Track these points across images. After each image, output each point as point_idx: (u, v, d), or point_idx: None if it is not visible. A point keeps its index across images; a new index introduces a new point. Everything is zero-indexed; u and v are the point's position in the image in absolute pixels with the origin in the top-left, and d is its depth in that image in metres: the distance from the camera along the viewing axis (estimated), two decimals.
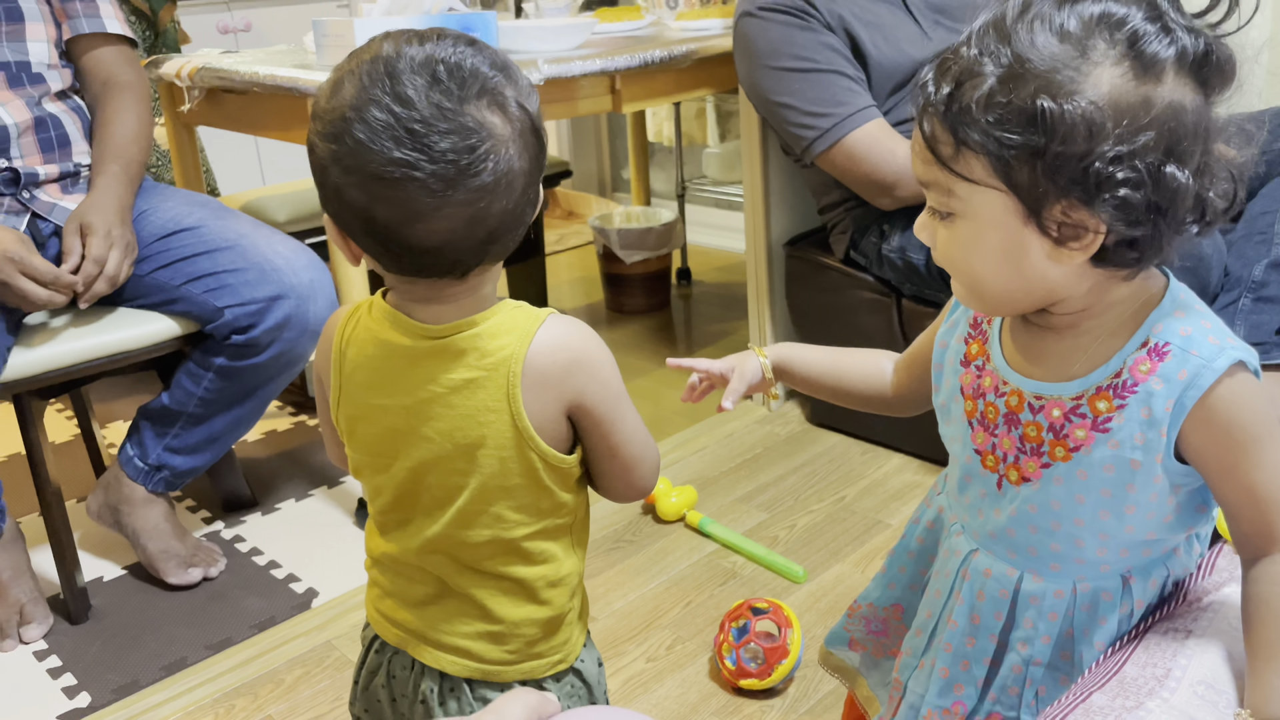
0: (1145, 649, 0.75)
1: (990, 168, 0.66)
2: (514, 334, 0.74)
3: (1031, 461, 0.76)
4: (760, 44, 1.77)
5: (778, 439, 2.08)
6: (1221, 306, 1.50)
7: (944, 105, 0.66)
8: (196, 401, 1.66)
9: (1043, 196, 0.65)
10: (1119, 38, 0.63)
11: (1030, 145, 0.63)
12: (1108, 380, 0.72)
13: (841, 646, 1.00)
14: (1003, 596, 0.79)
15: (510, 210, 0.70)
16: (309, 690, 1.45)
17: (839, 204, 1.89)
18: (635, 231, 2.73)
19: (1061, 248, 0.67)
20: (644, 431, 0.81)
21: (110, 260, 1.50)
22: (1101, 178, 0.63)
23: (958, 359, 0.83)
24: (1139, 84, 0.63)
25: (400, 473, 0.79)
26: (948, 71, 0.67)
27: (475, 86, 0.67)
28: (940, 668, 0.83)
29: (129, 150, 1.63)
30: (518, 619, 0.81)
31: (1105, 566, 0.77)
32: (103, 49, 1.69)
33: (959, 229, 0.70)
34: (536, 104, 0.72)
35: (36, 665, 1.53)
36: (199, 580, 1.71)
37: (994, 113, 0.64)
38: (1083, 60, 0.63)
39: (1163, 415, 0.70)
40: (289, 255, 1.61)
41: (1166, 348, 0.70)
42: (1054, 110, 0.62)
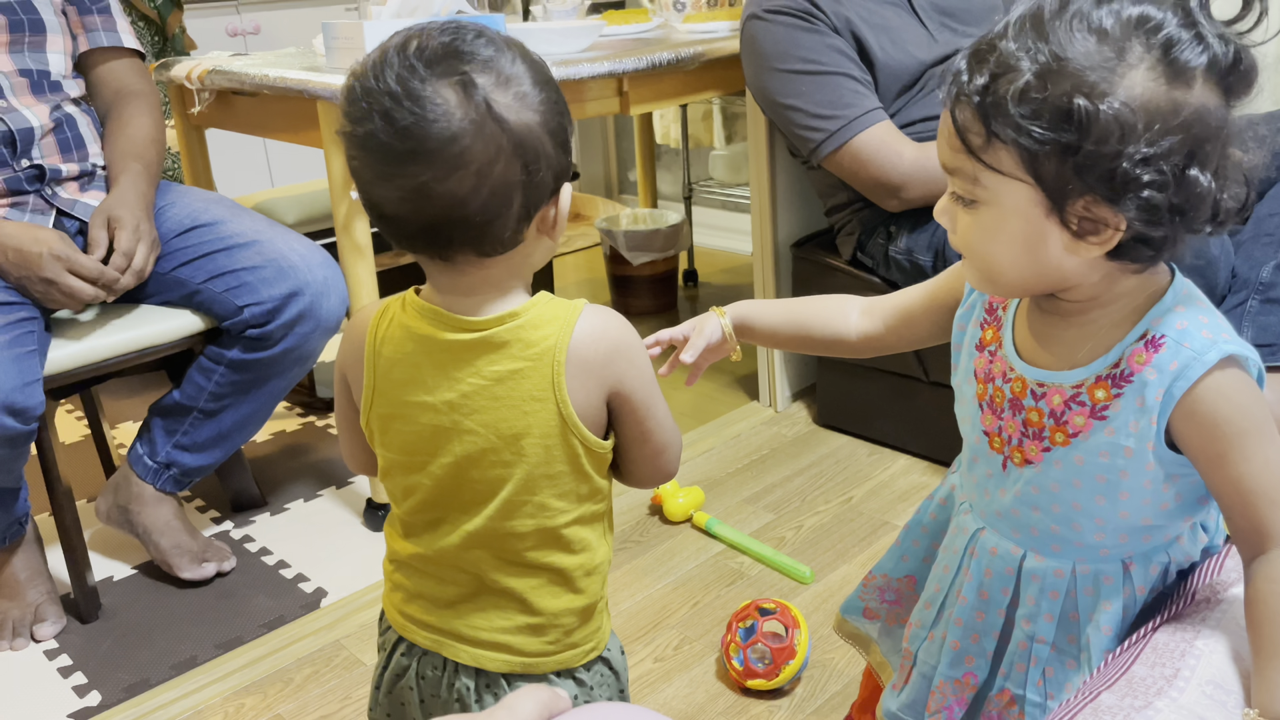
0: (1154, 649, 0.75)
1: (1019, 160, 0.67)
2: (555, 323, 0.75)
3: (1033, 445, 0.79)
4: (767, 46, 1.77)
5: (784, 440, 2.08)
6: (1229, 308, 1.50)
7: (978, 95, 0.68)
8: (208, 396, 1.67)
9: (1067, 192, 0.67)
10: (1154, 42, 0.65)
11: (1062, 142, 0.65)
12: (1107, 370, 0.74)
13: (856, 615, 1.02)
14: (1008, 574, 0.82)
15: (477, 195, 0.69)
16: (318, 689, 1.45)
17: (846, 206, 1.89)
18: (642, 233, 2.73)
19: (1080, 241, 0.69)
20: (670, 417, 0.84)
21: (138, 254, 1.52)
22: (1128, 178, 0.64)
23: (973, 343, 0.85)
24: (1170, 88, 0.65)
25: (439, 469, 0.79)
26: (984, 61, 0.68)
27: (447, 69, 0.69)
28: (951, 640, 0.85)
29: (147, 152, 1.66)
30: (558, 609, 0.83)
31: (1104, 551, 0.79)
32: (115, 61, 1.73)
33: (981, 216, 0.71)
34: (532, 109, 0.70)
35: (47, 664, 1.54)
36: (213, 575, 1.72)
37: (1028, 107, 0.65)
38: (1118, 62, 0.64)
39: (1154, 404, 0.72)
40: (305, 253, 1.63)
41: (1162, 339, 0.72)
42: (1089, 109, 0.64)
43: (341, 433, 0.91)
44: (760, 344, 1.03)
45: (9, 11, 1.58)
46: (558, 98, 0.74)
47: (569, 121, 0.75)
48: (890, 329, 0.97)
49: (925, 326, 0.95)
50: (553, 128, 0.72)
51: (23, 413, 1.39)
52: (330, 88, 1.56)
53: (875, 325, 0.98)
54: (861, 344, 0.99)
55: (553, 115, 0.72)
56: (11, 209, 1.56)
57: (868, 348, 0.99)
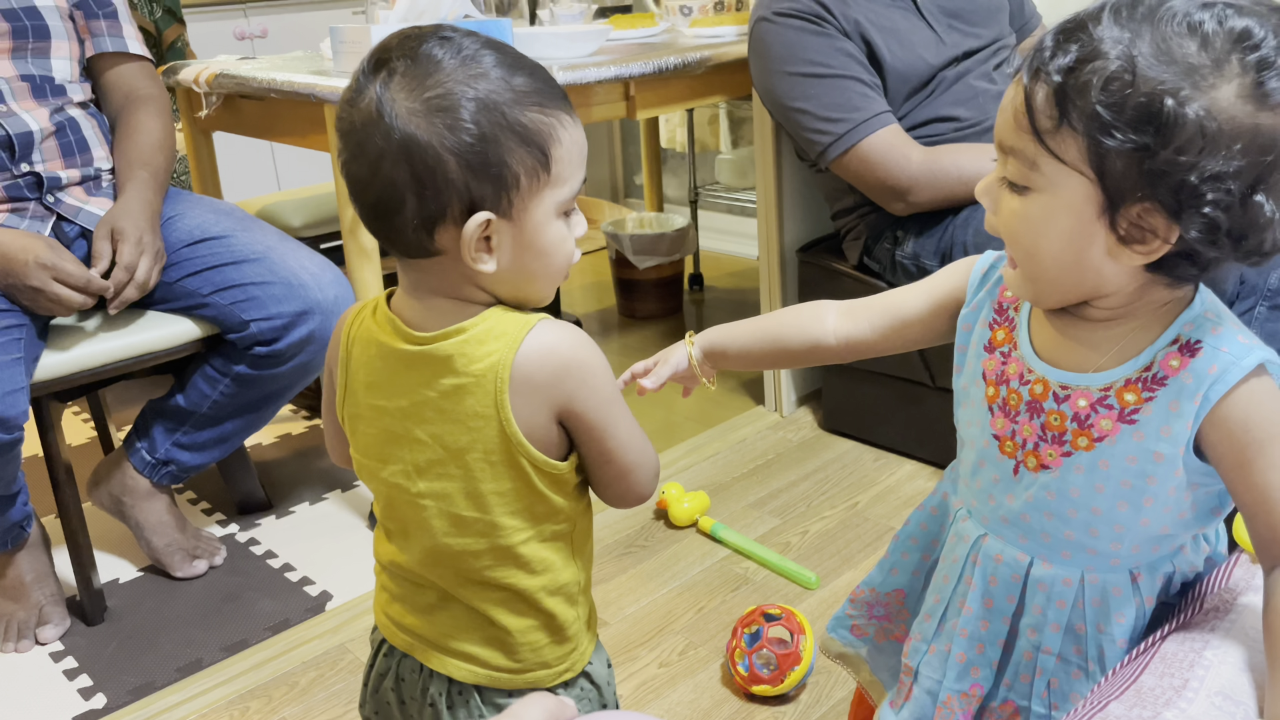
0: (1162, 658, 0.75)
1: (1086, 153, 0.65)
2: (502, 340, 0.73)
3: (1052, 449, 0.77)
4: (776, 49, 1.77)
5: (790, 445, 2.08)
6: (1237, 315, 1.49)
7: (1060, 75, 0.65)
8: (210, 404, 1.68)
9: (1127, 195, 0.65)
10: (1249, 61, 0.62)
11: (1138, 142, 0.63)
12: (1137, 373, 0.73)
13: (843, 632, 1.00)
14: (1014, 581, 0.81)
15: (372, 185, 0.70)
16: (323, 693, 1.45)
17: (853, 210, 1.89)
18: (648, 237, 2.73)
19: (1124, 247, 0.67)
20: (640, 437, 0.81)
21: (140, 267, 1.52)
22: (1196, 192, 0.62)
23: (981, 344, 0.83)
24: (1255, 110, 0.62)
25: (393, 476, 0.80)
26: (1072, 40, 0.64)
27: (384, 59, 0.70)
28: (957, 653, 0.83)
29: (155, 158, 1.65)
30: (522, 627, 0.82)
31: (1115, 560, 0.77)
32: (124, 66, 1.73)
33: (1031, 204, 0.69)
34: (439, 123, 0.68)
35: (53, 666, 1.54)
36: (204, 571, 1.74)
37: (1112, 99, 0.63)
38: (1214, 73, 0.62)
39: (1190, 408, 0.71)
40: (316, 271, 1.63)
41: (1199, 344, 0.71)
42: (1178, 113, 0.61)
43: (326, 422, 0.91)
44: (736, 367, 0.99)
45: (13, 18, 1.58)
46: (495, 130, 0.69)
47: (509, 153, 0.69)
48: (879, 332, 0.92)
49: (920, 329, 0.90)
50: (464, 151, 0.68)
51: (5, 422, 1.39)
52: (337, 92, 1.56)
53: (859, 328, 0.93)
54: (843, 349, 0.94)
55: (471, 139, 0.68)
56: (11, 215, 1.56)
57: (850, 352, 0.94)
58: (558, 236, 0.75)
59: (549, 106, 0.72)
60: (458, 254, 0.71)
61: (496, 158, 0.69)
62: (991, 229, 0.74)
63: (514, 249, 0.73)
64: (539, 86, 0.72)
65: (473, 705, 0.83)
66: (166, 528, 1.73)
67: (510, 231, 0.72)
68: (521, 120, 0.70)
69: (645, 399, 2.41)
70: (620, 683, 1.43)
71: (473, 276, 0.74)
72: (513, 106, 0.70)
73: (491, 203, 0.70)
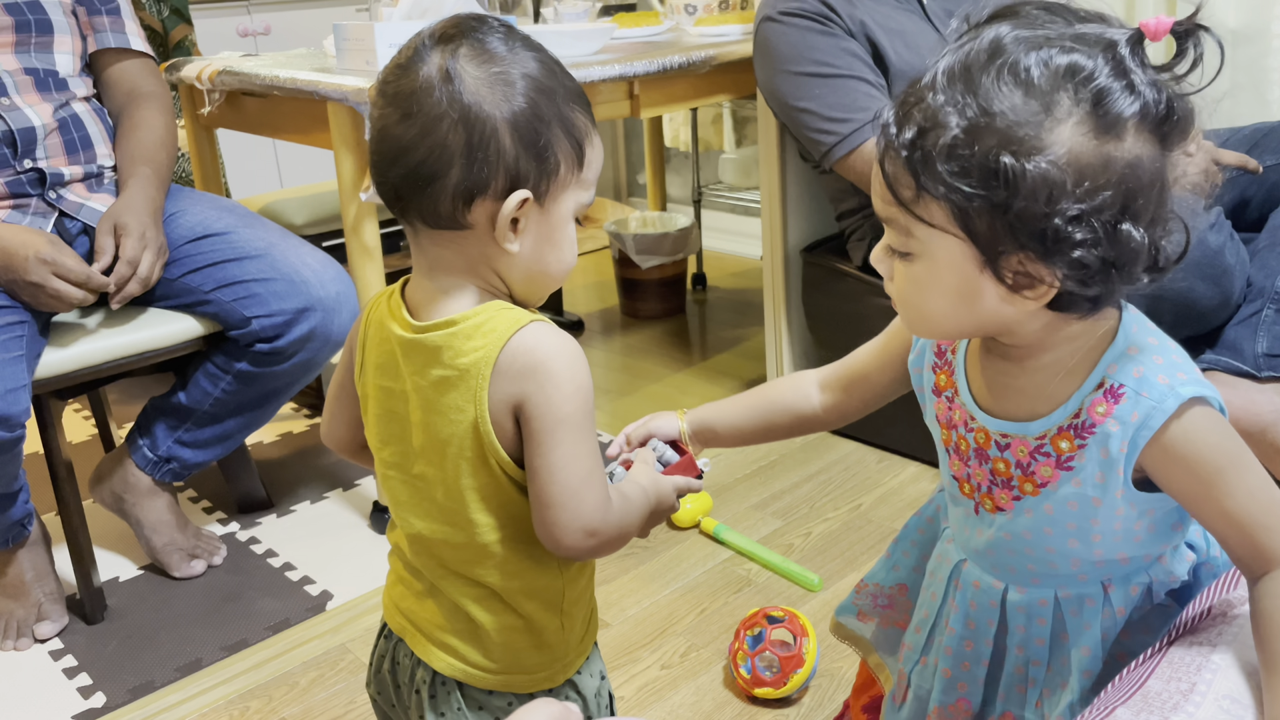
0: (1169, 663, 0.74)
1: (950, 215, 0.66)
2: (491, 337, 0.73)
3: (1003, 494, 0.78)
4: (781, 49, 1.77)
5: (793, 446, 2.07)
6: (1244, 318, 1.49)
7: (907, 149, 0.66)
8: (212, 401, 1.67)
9: (1000, 247, 0.65)
10: (1083, 95, 0.62)
11: (991, 199, 0.63)
12: (1068, 420, 0.73)
13: (850, 617, 1.02)
14: (992, 606, 0.82)
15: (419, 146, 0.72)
16: (323, 693, 1.45)
17: (857, 210, 1.88)
18: (651, 237, 2.72)
19: (1016, 294, 0.67)
20: (579, 478, 0.73)
21: (143, 262, 1.51)
22: (1059, 236, 0.63)
23: (929, 388, 0.85)
24: (1100, 143, 0.62)
25: (393, 457, 0.81)
26: (911, 114, 0.66)
27: (445, 40, 0.73)
28: (943, 668, 0.85)
29: (158, 155, 1.65)
30: (498, 627, 0.81)
31: (1083, 577, 0.79)
32: (126, 62, 1.73)
33: (915, 268, 0.70)
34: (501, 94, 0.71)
35: (52, 665, 1.54)
36: (203, 571, 1.74)
37: (956, 164, 0.64)
38: (1046, 116, 0.62)
39: (1118, 455, 0.71)
40: (317, 268, 1.62)
41: (1121, 389, 0.71)
42: (1016, 168, 0.62)
43: (328, 402, 0.92)
44: (726, 445, 1.00)
45: (16, 12, 1.58)
46: (546, 109, 0.72)
47: (556, 139, 0.73)
48: (852, 394, 0.94)
49: (884, 383, 0.92)
50: (520, 125, 0.71)
51: (6, 420, 1.38)
52: (341, 89, 1.56)
53: (837, 395, 0.95)
54: (830, 417, 0.96)
55: (527, 115, 0.72)
56: (13, 211, 1.56)
57: (838, 418, 0.96)
58: (571, 236, 0.78)
59: (587, 110, 0.76)
60: (486, 230, 0.73)
61: (546, 140, 0.73)
62: (892, 295, 0.74)
63: (537, 236, 0.75)
64: (581, 91, 0.77)
65: (454, 699, 0.83)
66: (167, 526, 1.73)
67: (538, 218, 0.75)
68: (566, 113, 0.74)
69: (647, 396, 2.40)
70: (621, 685, 1.42)
71: (492, 258, 0.75)
72: (563, 98, 0.74)
73: (532, 183, 0.73)
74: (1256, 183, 1.69)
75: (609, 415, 2.28)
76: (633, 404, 2.33)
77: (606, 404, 2.34)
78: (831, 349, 2.06)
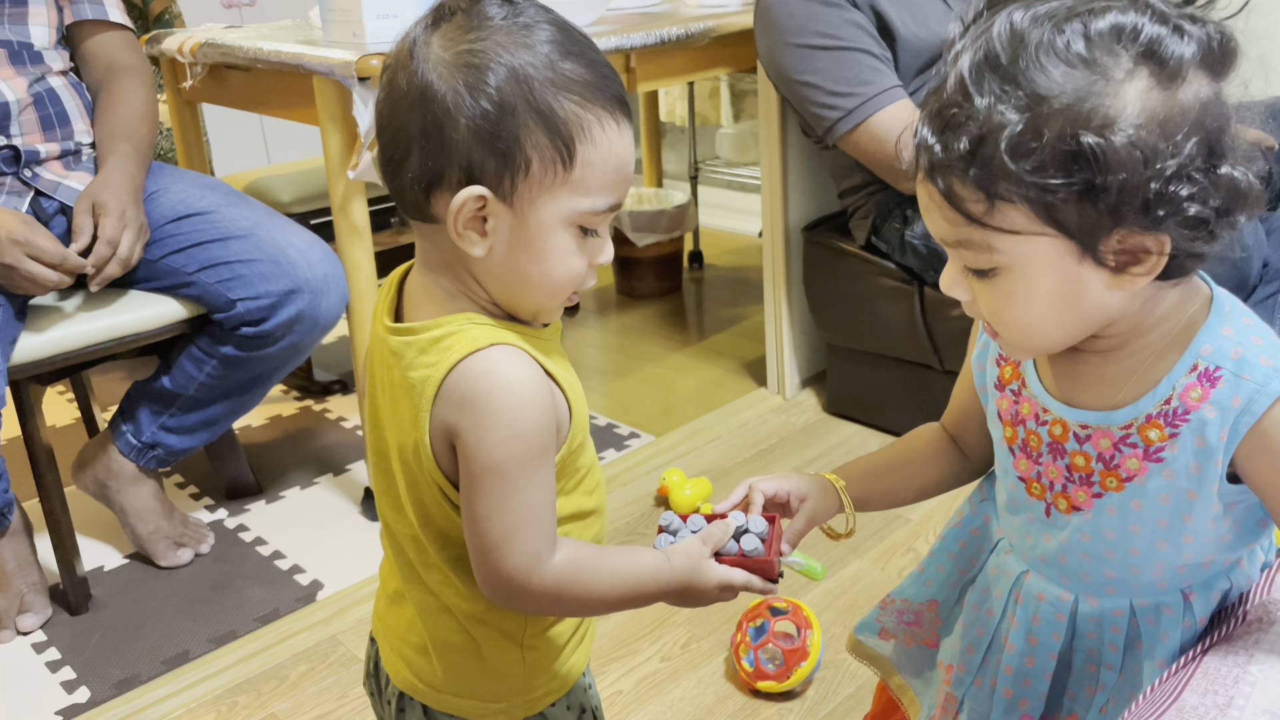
0: (1205, 674, 0.70)
1: (1033, 215, 0.61)
2: (446, 354, 0.67)
3: (1082, 491, 0.73)
4: (783, 20, 1.71)
5: (793, 429, 2.03)
6: (1261, 299, 1.45)
7: (965, 163, 0.61)
8: (197, 386, 1.62)
9: (1097, 231, 0.61)
10: (1135, 49, 0.59)
11: (1080, 184, 0.59)
12: (1158, 408, 0.68)
13: (871, 635, 0.97)
14: (1059, 620, 0.77)
15: (388, 127, 0.67)
16: (314, 687, 1.41)
17: (861, 188, 1.83)
18: (647, 214, 2.67)
19: (1122, 275, 0.63)
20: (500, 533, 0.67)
21: (123, 242, 1.46)
22: (1165, 199, 0.59)
23: (992, 382, 0.79)
24: (1169, 91, 0.59)
25: (373, 442, 0.77)
26: (954, 124, 0.61)
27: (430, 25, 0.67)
28: (1003, 688, 0.80)
29: (138, 131, 1.59)
30: (449, 645, 0.76)
31: (1162, 584, 0.74)
32: (105, 34, 1.66)
33: (1005, 283, 0.65)
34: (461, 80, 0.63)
35: (35, 658, 1.49)
36: (190, 560, 1.70)
37: (1031, 160, 0.59)
38: (1106, 82, 0.59)
39: (1217, 444, 0.66)
40: (304, 249, 1.57)
41: (1218, 372, 0.66)
42: (1101, 144, 0.58)
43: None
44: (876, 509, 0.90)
45: None
46: (518, 104, 0.63)
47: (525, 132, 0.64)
48: (969, 431, 0.87)
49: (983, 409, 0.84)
50: (475, 113, 0.63)
51: None
52: (327, 62, 1.50)
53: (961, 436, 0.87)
54: (973, 459, 0.88)
55: (486, 102, 0.63)
56: None
57: (979, 461, 0.87)
58: (563, 248, 0.68)
59: (593, 102, 0.65)
60: (453, 231, 0.66)
61: (509, 133, 0.64)
62: (975, 314, 0.69)
63: (510, 240, 0.67)
64: (590, 79, 0.66)
65: (417, 716, 0.79)
66: (152, 514, 1.68)
67: (509, 220, 0.66)
68: (551, 103, 0.64)
69: (643, 378, 2.36)
70: (621, 677, 1.39)
71: (464, 258, 0.68)
72: (547, 86, 0.64)
73: (492, 180, 0.65)
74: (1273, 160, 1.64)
75: (604, 397, 2.23)
76: (628, 385, 2.28)
77: (602, 385, 2.30)
78: (833, 330, 2.01)
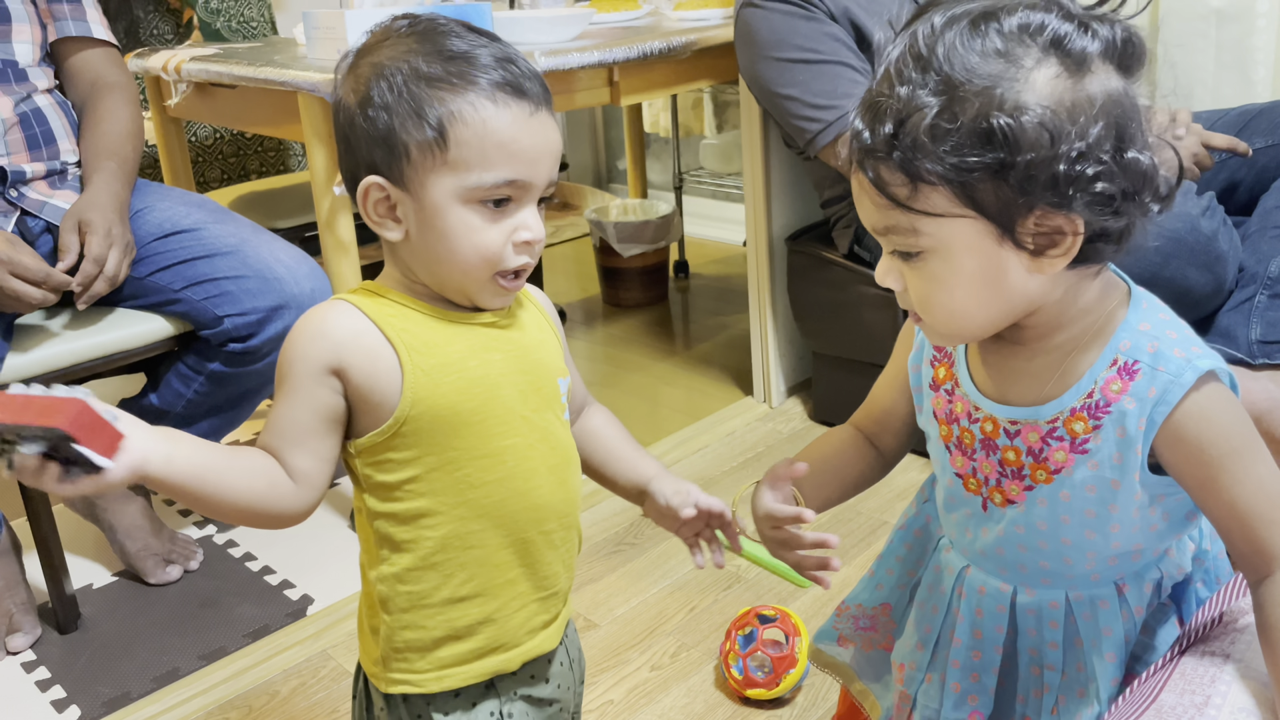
0: (1182, 675, 0.72)
1: (953, 196, 0.64)
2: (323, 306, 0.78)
3: (1014, 485, 0.76)
4: (763, 34, 1.73)
5: (780, 437, 2.04)
6: (1237, 304, 1.47)
7: (888, 147, 0.65)
8: (185, 404, 1.62)
9: (1014, 212, 0.64)
10: (1043, 41, 0.63)
11: (993, 164, 0.62)
12: (1081, 401, 0.71)
13: (830, 643, 0.99)
14: (1000, 611, 0.79)
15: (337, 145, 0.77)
16: (304, 702, 1.41)
17: (843, 197, 1.85)
18: (632, 225, 2.68)
19: (1041, 258, 0.66)
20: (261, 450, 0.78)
21: (110, 260, 1.46)
22: (1072, 177, 0.62)
23: (927, 383, 0.82)
24: (1076, 80, 0.63)
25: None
26: (881, 112, 0.65)
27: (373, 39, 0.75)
28: (951, 683, 0.82)
29: (123, 148, 1.59)
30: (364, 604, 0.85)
31: (1095, 576, 0.76)
32: (89, 51, 1.66)
33: (930, 266, 0.68)
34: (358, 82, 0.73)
35: (25, 677, 1.49)
36: (179, 577, 1.69)
37: (947, 140, 0.63)
38: (1015, 69, 0.63)
39: (1136, 434, 0.69)
40: (291, 264, 1.57)
41: (1136, 365, 0.69)
42: (1011, 124, 0.62)
43: None
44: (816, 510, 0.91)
45: None
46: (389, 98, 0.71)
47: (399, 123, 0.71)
48: (886, 430, 0.90)
49: (910, 411, 0.87)
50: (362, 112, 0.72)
51: None
52: (311, 79, 1.51)
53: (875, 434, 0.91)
54: (891, 455, 0.92)
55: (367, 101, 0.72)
56: None
57: (893, 458, 0.92)
58: (462, 225, 0.72)
59: (464, 87, 0.70)
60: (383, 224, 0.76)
61: (385, 125, 0.72)
62: (906, 305, 0.72)
63: (418, 223, 0.74)
64: (464, 69, 0.71)
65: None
66: (141, 531, 1.68)
67: (411, 204, 0.73)
68: (416, 92, 0.71)
69: (630, 388, 2.37)
70: (611, 687, 1.39)
71: (394, 246, 0.76)
72: (412, 77, 0.71)
73: (384, 169, 0.73)
74: (1246, 165, 1.67)
75: None
76: (614, 396, 2.29)
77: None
78: (818, 338, 2.03)
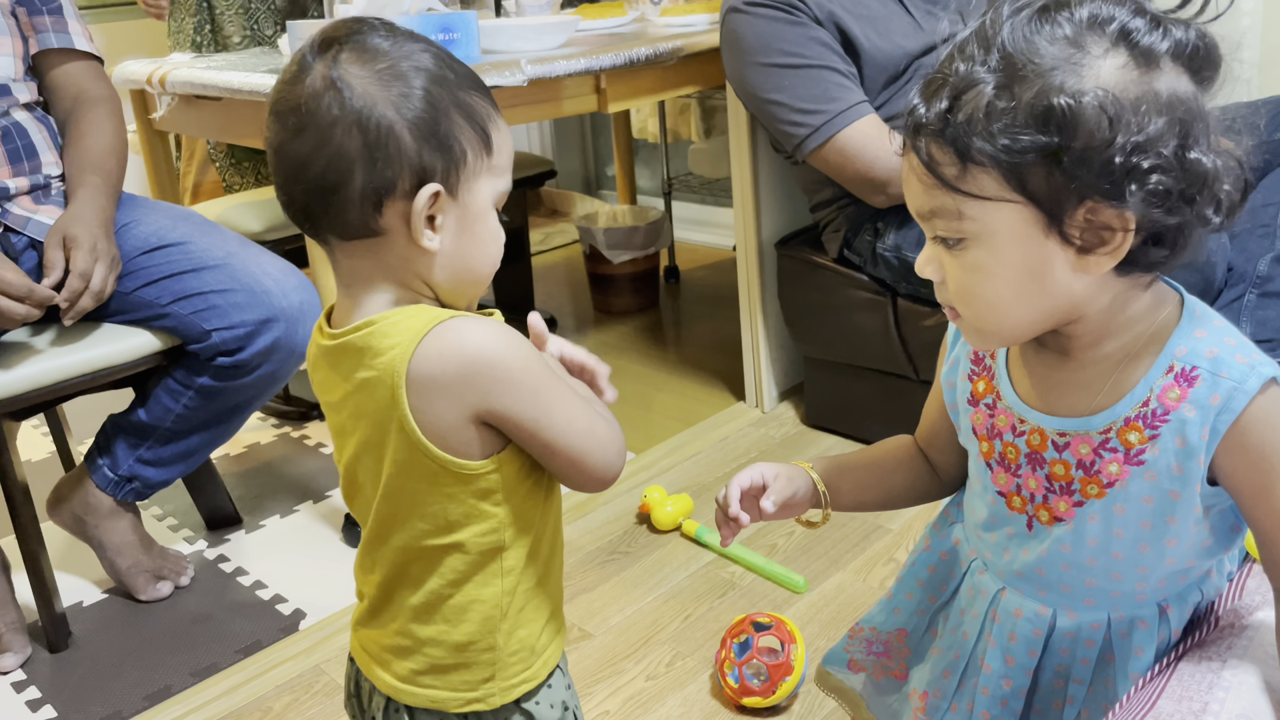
0: (1179, 681, 0.72)
1: (1002, 180, 0.62)
2: (406, 334, 0.70)
3: (1063, 500, 0.73)
4: (749, 40, 1.72)
5: (773, 442, 2.04)
6: (1226, 303, 1.47)
7: (941, 123, 0.63)
8: (174, 418, 1.61)
9: (1064, 201, 0.62)
10: (1111, 32, 0.61)
11: (1047, 147, 0.60)
12: (1135, 410, 0.69)
13: (840, 667, 0.96)
14: (1035, 636, 0.77)
15: (317, 158, 0.70)
16: (298, 718, 1.40)
17: (831, 202, 1.85)
18: (622, 231, 2.68)
19: (1088, 255, 0.63)
20: (584, 420, 0.75)
21: (95, 275, 1.45)
22: (1128, 168, 0.60)
23: (965, 398, 0.79)
24: (1141, 74, 0.61)
25: (344, 466, 0.80)
26: (938, 89, 0.64)
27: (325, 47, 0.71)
28: (980, 712, 0.80)
29: (107, 162, 1.58)
30: (425, 637, 0.78)
31: (1142, 596, 0.74)
32: (71, 64, 1.65)
33: (973, 254, 0.66)
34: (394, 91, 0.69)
35: (15, 697, 1.48)
36: (170, 594, 1.68)
37: (1001, 119, 0.61)
38: (1082, 55, 0.61)
39: (1199, 443, 0.67)
40: (279, 277, 1.56)
41: (1195, 372, 0.67)
42: (1069, 105, 0.59)
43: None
44: (843, 509, 0.91)
45: None
46: (444, 102, 0.71)
47: (457, 127, 0.71)
48: (937, 450, 0.87)
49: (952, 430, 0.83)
50: (417, 117, 0.70)
51: None
52: None
53: (931, 454, 0.89)
54: (944, 478, 0.89)
55: (423, 106, 0.70)
56: None
57: (948, 479, 0.88)
58: (494, 229, 0.75)
59: (482, 96, 0.74)
60: (402, 233, 0.71)
61: (446, 130, 0.71)
62: (944, 299, 0.70)
63: (457, 230, 0.73)
64: (474, 77, 0.75)
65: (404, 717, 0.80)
66: (131, 548, 1.67)
67: (455, 211, 0.72)
68: (464, 98, 0.72)
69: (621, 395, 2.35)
70: (607, 698, 1.39)
71: (412, 261, 0.73)
72: (456, 84, 0.72)
73: (441, 176, 0.71)
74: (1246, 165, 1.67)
75: None
76: None
77: None
78: (809, 342, 2.03)
